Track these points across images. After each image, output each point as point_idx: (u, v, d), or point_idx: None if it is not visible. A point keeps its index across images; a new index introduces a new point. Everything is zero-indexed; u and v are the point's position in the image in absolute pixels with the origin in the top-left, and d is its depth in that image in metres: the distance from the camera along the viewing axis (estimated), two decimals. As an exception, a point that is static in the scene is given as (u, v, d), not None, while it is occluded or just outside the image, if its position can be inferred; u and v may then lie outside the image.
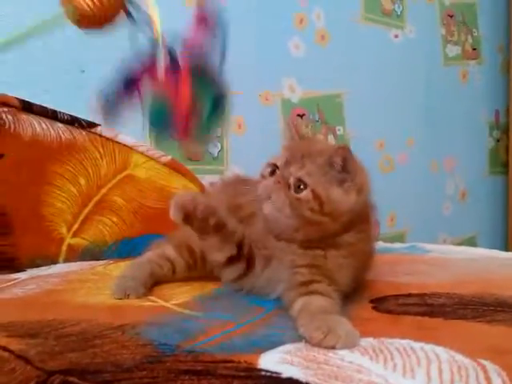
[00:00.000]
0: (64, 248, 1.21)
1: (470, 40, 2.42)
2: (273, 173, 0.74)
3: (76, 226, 1.24)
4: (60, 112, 1.26)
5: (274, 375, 0.49)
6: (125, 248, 1.29)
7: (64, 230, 1.22)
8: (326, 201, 0.71)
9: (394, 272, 0.97)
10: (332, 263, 0.74)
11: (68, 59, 1.41)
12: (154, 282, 0.87)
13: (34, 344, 0.58)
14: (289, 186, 0.71)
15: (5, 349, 0.56)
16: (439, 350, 0.55)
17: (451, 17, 2.33)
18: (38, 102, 1.24)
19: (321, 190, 0.71)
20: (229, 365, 0.51)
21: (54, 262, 1.18)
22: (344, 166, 0.71)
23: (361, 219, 0.76)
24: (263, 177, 0.76)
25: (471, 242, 2.28)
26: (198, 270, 0.92)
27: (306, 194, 0.71)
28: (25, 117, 1.21)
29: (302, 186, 0.71)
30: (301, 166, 0.72)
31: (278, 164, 0.74)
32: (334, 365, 0.51)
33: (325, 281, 0.72)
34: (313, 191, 0.70)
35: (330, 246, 0.74)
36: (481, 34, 2.46)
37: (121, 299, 0.79)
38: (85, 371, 0.50)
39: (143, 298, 0.80)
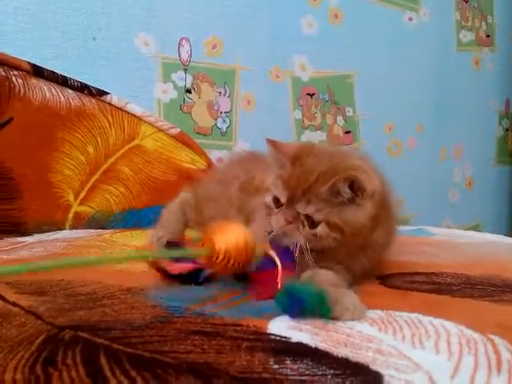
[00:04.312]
0: (70, 215, 1.21)
1: (484, 27, 2.38)
2: (278, 203, 0.70)
3: (83, 194, 1.24)
4: (70, 78, 1.26)
5: (284, 339, 0.49)
6: (131, 218, 1.29)
7: (71, 197, 1.22)
8: (344, 226, 0.67)
9: (400, 252, 0.97)
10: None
11: (80, 26, 1.39)
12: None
13: (43, 301, 0.58)
14: (302, 224, 0.67)
15: (14, 304, 0.57)
16: (448, 324, 0.55)
17: (466, 2, 2.30)
18: (48, 67, 1.23)
19: (335, 218, 0.67)
20: (238, 328, 0.51)
21: (60, 228, 1.19)
22: (352, 188, 0.67)
23: (382, 211, 0.73)
24: (268, 207, 0.71)
25: (475, 230, 2.27)
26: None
27: (321, 228, 0.67)
28: (35, 81, 1.20)
29: (314, 221, 0.67)
30: (306, 201, 0.67)
31: (281, 200, 0.69)
32: (343, 333, 0.51)
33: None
34: (328, 223, 0.67)
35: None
36: (495, 21, 2.43)
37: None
38: (95, 328, 0.50)
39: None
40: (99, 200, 1.25)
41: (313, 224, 0.67)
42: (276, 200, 0.70)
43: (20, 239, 1.03)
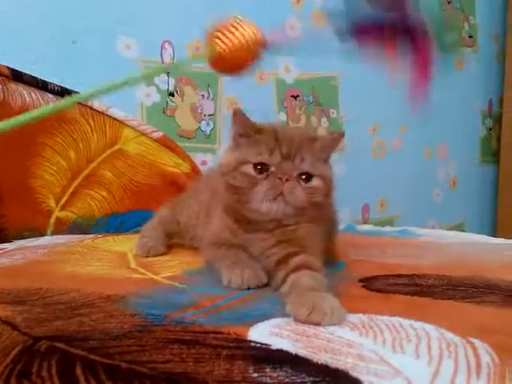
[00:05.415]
0: (52, 221, 1.20)
1: (466, 27, 2.40)
2: (261, 171, 0.72)
3: (64, 199, 1.22)
4: (50, 83, 1.24)
5: (264, 347, 0.48)
6: (113, 223, 1.28)
7: (52, 202, 1.20)
8: (329, 182, 0.75)
9: (384, 253, 0.98)
10: (302, 232, 0.75)
11: (60, 29, 1.38)
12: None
13: (21, 311, 0.57)
14: (298, 180, 0.72)
15: (-10, 315, 0.55)
16: (428, 327, 0.55)
17: (449, 3, 2.32)
18: (27, 72, 1.22)
19: (324, 173, 0.74)
20: (218, 336, 0.51)
21: (42, 234, 1.17)
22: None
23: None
24: (249, 176, 0.72)
25: (459, 230, 2.29)
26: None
27: (317, 182, 0.73)
28: (14, 86, 1.18)
29: (306, 177, 0.72)
30: (301, 158, 0.72)
31: (271, 162, 0.71)
32: (323, 339, 0.51)
33: (301, 250, 0.72)
34: (321, 177, 0.73)
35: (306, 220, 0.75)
36: (478, 22, 2.45)
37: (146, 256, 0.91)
38: (72, 338, 0.49)
39: (134, 270, 0.80)
40: (81, 205, 1.24)
41: (307, 179, 0.72)
42: (258, 167, 0.72)
43: (0, 246, 1.01)
